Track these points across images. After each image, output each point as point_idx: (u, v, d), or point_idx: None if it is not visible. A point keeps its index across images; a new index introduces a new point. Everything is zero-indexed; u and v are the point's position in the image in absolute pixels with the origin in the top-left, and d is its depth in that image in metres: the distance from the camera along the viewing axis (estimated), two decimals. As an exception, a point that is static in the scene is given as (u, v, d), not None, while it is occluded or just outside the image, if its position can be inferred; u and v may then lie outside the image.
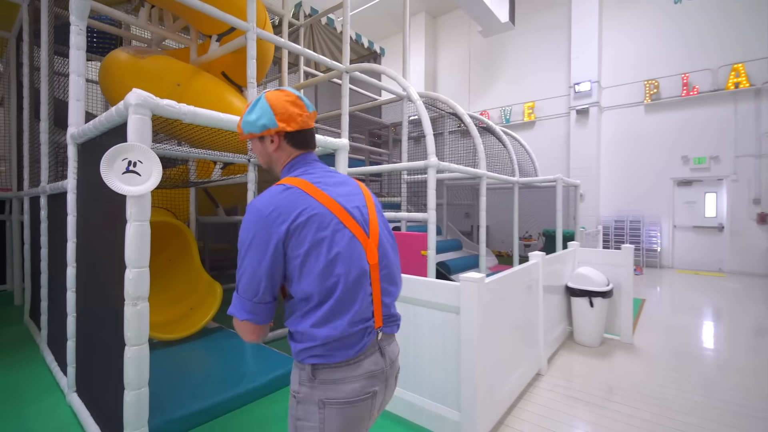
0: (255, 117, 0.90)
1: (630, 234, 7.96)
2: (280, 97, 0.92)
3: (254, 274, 0.80)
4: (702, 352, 3.10)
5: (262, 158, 0.97)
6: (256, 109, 0.91)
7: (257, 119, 0.90)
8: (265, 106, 0.91)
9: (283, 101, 0.91)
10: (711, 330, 3.75)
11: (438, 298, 1.84)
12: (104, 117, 1.63)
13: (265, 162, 0.98)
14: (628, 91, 8.06)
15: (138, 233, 1.40)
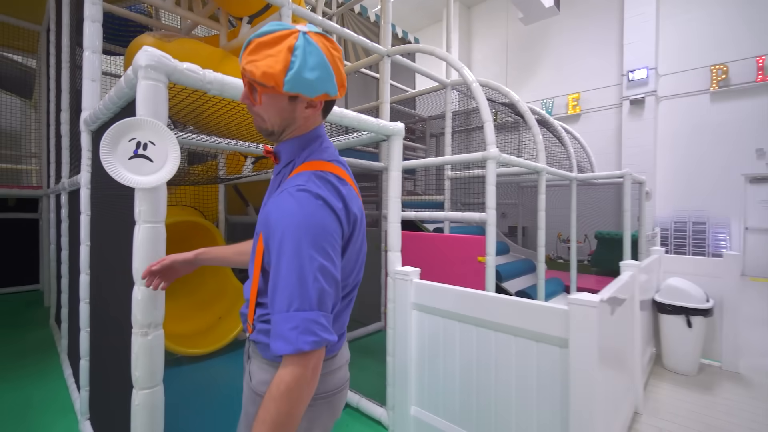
0: (314, 76, 0.67)
1: (693, 237, 7.15)
2: (332, 53, 0.70)
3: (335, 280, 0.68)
4: (833, 387, 2.49)
5: (273, 117, 0.73)
6: (313, 64, 0.66)
7: (317, 80, 0.67)
8: (326, 64, 0.68)
9: (336, 59, 0.71)
10: (828, 356, 3.09)
11: (533, 325, 1.41)
12: (114, 91, 1.29)
13: (275, 123, 0.74)
14: (690, 78, 7.24)
15: (149, 239, 1.05)
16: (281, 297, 0.63)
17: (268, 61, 0.65)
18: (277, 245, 0.65)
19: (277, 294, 0.64)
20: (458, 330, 1.66)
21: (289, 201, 0.66)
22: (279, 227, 0.65)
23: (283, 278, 0.63)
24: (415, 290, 1.81)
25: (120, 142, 1.02)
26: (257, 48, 0.66)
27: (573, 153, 4.44)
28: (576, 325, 1.27)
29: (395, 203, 1.88)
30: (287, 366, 0.62)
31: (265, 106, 0.72)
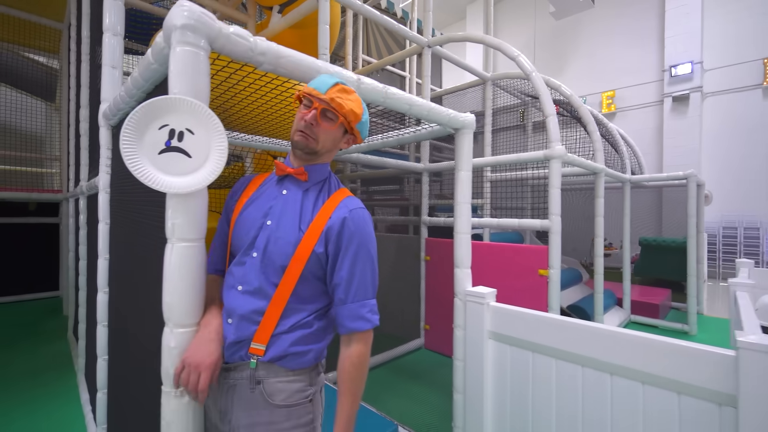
0: (365, 118, 0.94)
1: (745, 243, 6.60)
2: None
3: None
4: None
5: (327, 143, 0.90)
6: (367, 116, 0.96)
7: (366, 126, 0.96)
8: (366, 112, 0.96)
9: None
10: None
11: (675, 372, 1.07)
12: (139, 70, 1.02)
13: (325, 147, 0.90)
14: (740, 73, 6.71)
15: (184, 263, 0.76)
16: (362, 289, 0.86)
17: (352, 104, 0.88)
18: (356, 248, 0.86)
19: (355, 286, 0.85)
20: (555, 368, 1.33)
21: (364, 216, 0.89)
22: (358, 237, 0.86)
23: (362, 275, 0.86)
24: (493, 316, 1.49)
25: (147, 131, 0.74)
26: (343, 90, 0.88)
27: (626, 153, 4.04)
28: (753, 377, 0.93)
29: (465, 210, 1.57)
30: (360, 341, 0.85)
31: (329, 131, 0.88)
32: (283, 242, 0.83)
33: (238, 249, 0.87)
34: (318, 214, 0.86)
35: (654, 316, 4.01)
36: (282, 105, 1.49)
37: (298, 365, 0.83)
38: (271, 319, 0.81)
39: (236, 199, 0.95)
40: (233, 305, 0.82)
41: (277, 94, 1.42)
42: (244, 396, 0.81)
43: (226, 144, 0.77)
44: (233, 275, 0.85)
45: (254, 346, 0.80)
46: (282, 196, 0.89)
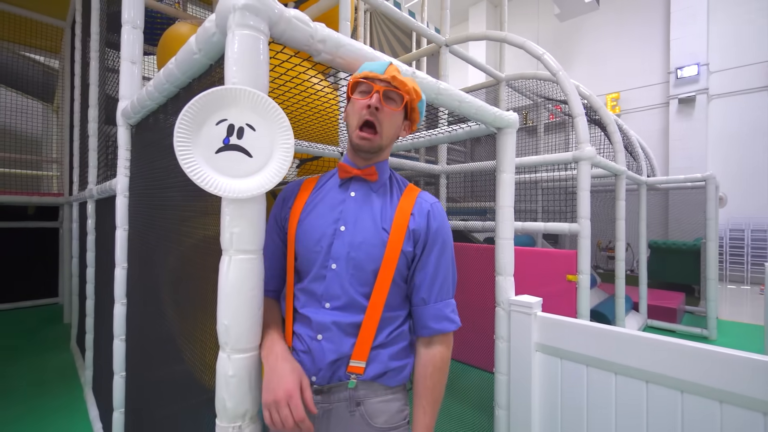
0: (425, 98, 0.89)
1: (752, 246, 6.57)
2: None
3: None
4: None
5: (390, 131, 0.80)
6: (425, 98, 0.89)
7: (424, 107, 0.87)
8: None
9: None
10: None
11: (723, 383, 0.98)
12: (176, 62, 0.92)
13: (387, 138, 0.80)
14: (746, 75, 6.71)
15: (245, 277, 0.67)
16: (445, 288, 0.82)
17: (411, 82, 0.81)
18: (441, 246, 0.82)
19: (438, 285, 0.81)
20: (614, 384, 1.24)
21: (443, 211, 0.86)
22: (443, 233, 0.83)
23: (445, 273, 0.82)
24: (540, 327, 1.40)
25: (204, 126, 0.64)
26: (398, 70, 0.80)
27: (642, 155, 3.99)
28: None
29: (508, 214, 1.48)
30: (442, 343, 0.81)
31: (393, 115, 0.79)
32: (368, 246, 0.76)
33: (310, 262, 0.78)
34: (398, 211, 0.80)
35: (672, 320, 3.94)
36: (328, 97, 1.40)
37: (396, 381, 0.79)
38: (369, 332, 0.75)
39: (289, 206, 0.85)
40: (324, 320, 0.75)
41: (300, 92, 1.33)
42: (342, 420, 0.75)
43: (293, 142, 0.67)
44: (312, 293, 0.77)
45: (353, 364, 0.74)
46: (351, 199, 0.82)
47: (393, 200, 0.83)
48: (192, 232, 1.27)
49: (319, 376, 0.74)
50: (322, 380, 0.74)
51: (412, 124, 0.86)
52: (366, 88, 0.78)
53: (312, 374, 0.75)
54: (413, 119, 0.85)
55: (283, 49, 0.87)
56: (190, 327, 1.10)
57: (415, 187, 0.87)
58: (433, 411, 0.77)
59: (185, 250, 1.02)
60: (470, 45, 9.43)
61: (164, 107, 1.15)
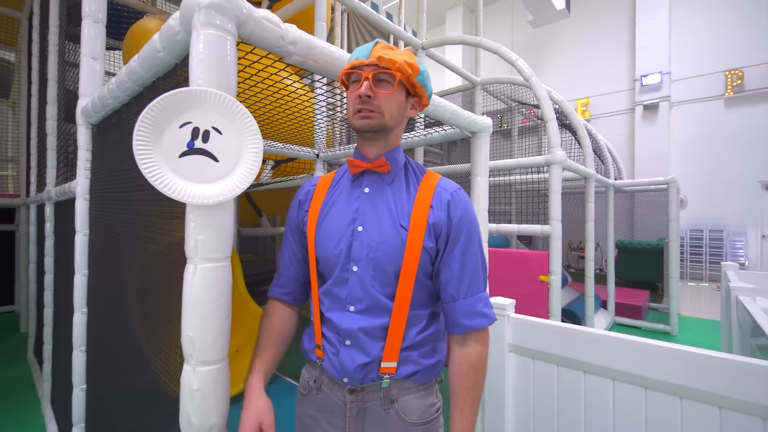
0: (424, 69, 0.77)
1: (710, 246, 6.97)
2: None
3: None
4: None
5: (394, 111, 0.75)
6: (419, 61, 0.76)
7: (428, 79, 0.79)
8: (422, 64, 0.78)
9: None
10: None
11: (715, 386, 1.03)
12: (139, 60, 0.88)
13: (393, 118, 0.75)
14: (704, 84, 7.12)
15: (210, 286, 0.64)
16: (475, 281, 0.76)
17: (403, 56, 0.72)
18: (466, 237, 0.76)
19: (467, 279, 0.75)
20: (584, 383, 1.27)
21: (466, 198, 0.79)
22: (466, 223, 0.76)
23: (473, 266, 0.76)
24: (513, 328, 1.43)
25: (166, 129, 0.62)
26: (387, 47, 0.73)
27: (610, 159, 4.15)
28: (804, 394, 0.90)
29: (483, 217, 1.50)
30: (478, 340, 0.76)
31: (390, 97, 0.73)
32: (387, 246, 0.73)
33: (331, 266, 0.77)
34: (416, 204, 0.75)
35: (637, 317, 4.12)
36: (298, 101, 1.38)
37: (428, 378, 0.77)
38: (397, 333, 0.73)
39: (306, 209, 0.83)
40: (349, 326, 0.73)
41: (274, 92, 1.31)
42: (378, 417, 0.75)
43: (261, 146, 0.65)
44: (336, 296, 0.76)
45: (385, 365, 0.73)
46: (365, 195, 0.77)
47: (410, 192, 0.77)
48: (155, 238, 1.22)
49: (350, 378, 0.74)
50: (353, 382, 0.74)
51: (421, 100, 0.80)
52: (355, 77, 0.74)
53: (343, 377, 0.74)
54: (419, 94, 0.78)
55: (253, 49, 0.84)
56: (155, 337, 1.05)
57: (434, 173, 0.81)
58: (472, 413, 0.74)
59: (149, 257, 0.97)
60: (447, 48, 9.56)
61: (127, 106, 1.10)
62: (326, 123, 2.14)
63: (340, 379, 0.75)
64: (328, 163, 2.31)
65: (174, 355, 0.82)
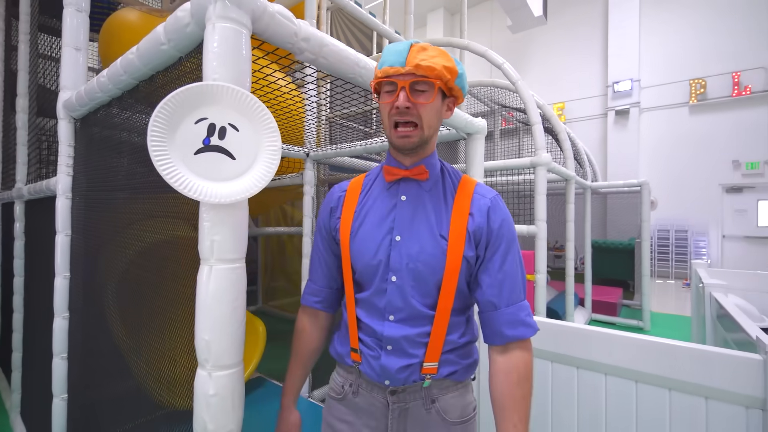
0: (462, 70, 0.72)
1: (676, 245, 7.35)
2: None
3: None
4: None
5: (432, 120, 0.71)
6: (456, 60, 0.72)
7: (466, 80, 0.74)
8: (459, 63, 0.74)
9: None
10: None
11: (702, 377, 1.09)
12: (139, 51, 0.84)
13: (429, 128, 0.71)
14: (671, 91, 7.50)
15: (227, 287, 0.62)
16: (516, 290, 0.74)
17: (441, 60, 0.68)
18: (506, 245, 0.74)
19: (508, 288, 0.73)
20: (577, 378, 1.31)
21: (503, 205, 0.77)
22: (506, 230, 0.75)
23: (513, 274, 0.74)
24: (508, 327, 1.45)
25: (181, 124, 0.59)
26: (421, 50, 0.68)
27: (587, 162, 4.30)
28: (784, 382, 0.97)
29: (477, 218, 1.52)
30: (524, 349, 0.73)
31: (429, 106, 0.69)
32: (427, 257, 0.71)
33: (369, 276, 0.75)
34: (454, 212, 0.73)
35: (612, 314, 4.29)
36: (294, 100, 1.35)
37: (466, 376, 0.78)
38: (438, 338, 0.73)
39: (338, 216, 0.80)
40: (390, 334, 0.73)
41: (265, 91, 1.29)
42: (420, 417, 0.75)
43: (280, 144, 0.64)
44: (375, 306, 0.75)
45: (427, 366, 0.73)
46: (402, 203, 0.75)
47: (448, 200, 0.75)
48: (150, 238, 1.17)
49: (392, 380, 0.73)
50: (396, 383, 0.74)
51: (457, 100, 0.76)
52: (390, 87, 0.69)
53: (384, 379, 0.73)
54: (455, 96, 0.74)
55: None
56: (149, 340, 1.01)
57: (470, 179, 0.80)
58: (526, 427, 0.69)
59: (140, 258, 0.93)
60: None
61: (119, 100, 1.05)
62: (318, 121, 2.12)
63: (380, 381, 0.74)
64: (318, 162, 2.29)
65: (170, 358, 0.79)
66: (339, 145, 2.09)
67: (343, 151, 2.05)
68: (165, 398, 1.54)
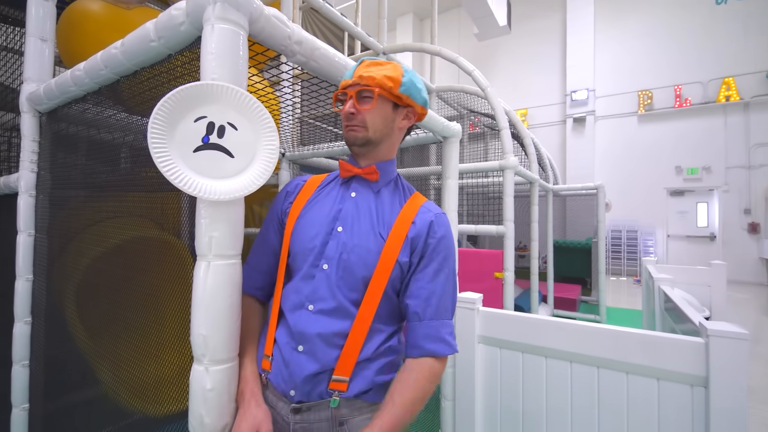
0: (421, 87, 0.80)
1: (627, 244, 7.90)
2: None
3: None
4: None
5: (377, 124, 0.77)
6: (418, 80, 0.81)
7: (422, 91, 0.81)
8: (424, 84, 0.83)
9: None
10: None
11: (655, 360, 1.21)
12: (126, 45, 0.83)
13: (378, 130, 0.77)
14: (622, 101, 8.08)
15: (225, 283, 0.63)
16: (443, 307, 0.75)
17: (384, 71, 0.75)
18: (441, 258, 0.76)
19: (435, 302, 0.74)
20: (545, 366, 1.41)
21: (448, 223, 0.80)
22: (444, 247, 0.77)
23: (443, 290, 0.75)
24: (483, 320, 1.53)
25: (181, 122, 0.60)
26: (371, 65, 0.77)
27: (549, 166, 4.55)
28: (721, 361, 1.10)
29: (453, 218, 1.59)
30: (437, 361, 0.73)
31: (373, 111, 0.75)
32: (362, 250, 0.72)
33: (301, 260, 0.75)
34: (398, 219, 0.76)
35: (572, 309, 4.55)
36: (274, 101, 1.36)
37: (381, 397, 0.72)
38: (355, 343, 0.70)
39: (291, 201, 0.82)
40: (305, 328, 0.70)
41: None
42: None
43: (278, 144, 0.66)
44: (299, 292, 0.73)
45: (336, 380, 0.69)
46: (351, 199, 0.78)
47: (395, 206, 0.78)
48: (117, 238, 1.14)
49: (297, 390, 0.69)
50: (301, 395, 0.69)
51: (413, 110, 0.80)
52: (343, 96, 0.78)
53: (290, 388, 0.69)
54: (408, 104, 0.78)
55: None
56: (116, 345, 0.99)
57: (421, 195, 0.84)
58: (404, 409, 0.66)
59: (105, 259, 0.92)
60: (397, 55, 9.78)
61: (95, 95, 1.02)
62: (294, 120, 2.12)
63: (286, 392, 0.70)
64: (293, 162, 2.28)
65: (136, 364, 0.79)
66: (317, 146, 2.10)
67: (320, 151, 2.06)
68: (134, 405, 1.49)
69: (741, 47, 7.14)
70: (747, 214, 7.04)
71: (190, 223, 1.29)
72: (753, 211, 6.99)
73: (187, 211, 2.58)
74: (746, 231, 7.04)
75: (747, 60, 7.07)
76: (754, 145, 6.98)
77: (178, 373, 2.19)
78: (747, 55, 7.09)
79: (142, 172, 2.33)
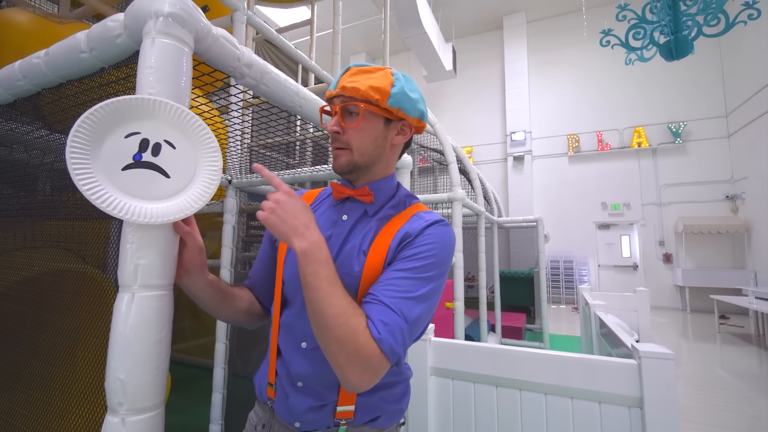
0: (415, 96, 0.68)
1: (564, 273, 8.46)
2: None
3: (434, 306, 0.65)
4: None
5: (364, 144, 0.67)
6: (412, 87, 0.68)
7: (417, 100, 0.69)
8: (420, 91, 0.71)
9: None
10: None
11: (596, 384, 1.25)
12: (51, 55, 0.76)
13: (365, 151, 0.67)
14: (555, 143, 8.93)
15: (153, 318, 0.56)
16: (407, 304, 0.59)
17: (371, 80, 0.64)
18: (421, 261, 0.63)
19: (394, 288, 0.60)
20: (496, 395, 1.41)
21: (447, 233, 0.67)
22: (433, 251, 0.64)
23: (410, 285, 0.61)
24: (435, 351, 1.51)
25: (107, 138, 0.55)
26: (357, 72, 0.66)
27: (493, 199, 4.82)
28: (653, 381, 1.17)
29: (404, 247, 1.60)
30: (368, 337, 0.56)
31: (360, 130, 0.66)
32: (345, 276, 0.63)
33: (292, 291, 0.70)
34: (383, 229, 0.66)
35: (518, 337, 4.70)
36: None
37: (391, 422, 0.69)
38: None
39: None
40: (300, 368, 0.66)
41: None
42: None
43: (221, 164, 0.62)
44: (291, 330, 0.68)
45: (341, 410, 0.65)
46: (342, 223, 0.70)
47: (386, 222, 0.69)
48: (38, 267, 1.01)
49: (302, 422, 0.66)
50: (306, 426, 0.66)
51: (407, 124, 0.70)
52: (330, 110, 0.69)
53: (295, 420, 0.66)
54: (400, 118, 0.67)
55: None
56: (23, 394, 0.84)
57: (422, 205, 0.73)
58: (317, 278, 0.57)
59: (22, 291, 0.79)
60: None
61: (8, 108, 0.91)
62: (241, 147, 2.06)
63: (291, 423, 0.67)
64: (241, 190, 2.19)
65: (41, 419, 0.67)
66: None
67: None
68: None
69: (647, 102, 8.32)
70: (661, 246, 7.92)
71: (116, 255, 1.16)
72: (666, 243, 7.88)
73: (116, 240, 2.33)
74: (662, 261, 7.88)
75: (652, 112, 8.24)
76: (663, 185, 7.99)
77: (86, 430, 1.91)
78: (652, 108, 8.26)
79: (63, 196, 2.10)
